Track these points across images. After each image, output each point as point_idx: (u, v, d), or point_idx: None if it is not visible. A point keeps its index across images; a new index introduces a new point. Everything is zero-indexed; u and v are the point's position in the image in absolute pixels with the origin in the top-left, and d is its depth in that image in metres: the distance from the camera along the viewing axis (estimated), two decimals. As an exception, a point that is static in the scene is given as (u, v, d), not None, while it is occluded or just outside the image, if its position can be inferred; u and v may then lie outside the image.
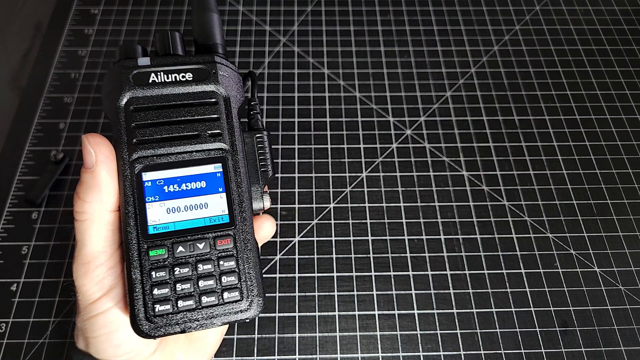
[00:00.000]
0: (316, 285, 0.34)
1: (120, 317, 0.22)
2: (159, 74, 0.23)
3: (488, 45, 0.46)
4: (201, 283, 0.21)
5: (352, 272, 0.35)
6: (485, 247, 0.36)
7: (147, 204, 0.22)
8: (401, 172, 0.39)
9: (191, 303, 0.21)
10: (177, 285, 0.21)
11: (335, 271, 0.35)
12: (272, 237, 0.36)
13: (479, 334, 0.33)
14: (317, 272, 0.35)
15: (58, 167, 0.37)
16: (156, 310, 0.21)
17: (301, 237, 0.36)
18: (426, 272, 0.35)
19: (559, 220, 0.37)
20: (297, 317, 0.33)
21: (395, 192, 0.38)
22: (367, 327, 0.33)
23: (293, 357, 0.32)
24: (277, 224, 0.36)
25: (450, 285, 0.34)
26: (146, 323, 0.20)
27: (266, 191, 0.25)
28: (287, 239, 0.36)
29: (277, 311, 0.33)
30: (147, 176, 0.22)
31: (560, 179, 0.39)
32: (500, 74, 0.44)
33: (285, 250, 0.35)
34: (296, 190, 0.38)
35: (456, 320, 0.33)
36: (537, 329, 0.33)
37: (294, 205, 0.37)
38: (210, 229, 0.22)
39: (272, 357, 0.32)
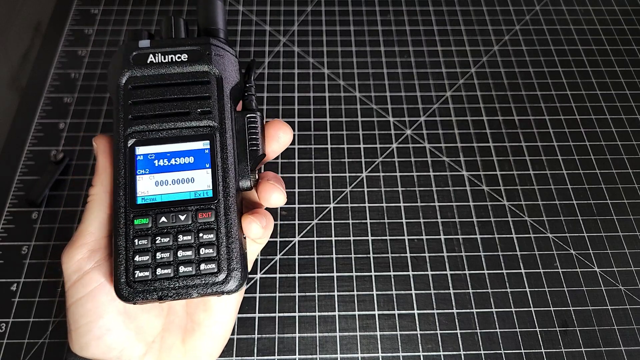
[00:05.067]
0: (316, 285, 0.34)
1: (98, 305, 0.22)
2: (156, 54, 0.24)
3: (488, 45, 0.46)
4: (180, 253, 0.22)
5: (352, 272, 0.35)
6: (485, 247, 0.36)
7: (137, 176, 0.23)
8: (401, 172, 0.39)
9: (169, 272, 0.22)
10: (157, 254, 0.22)
11: (335, 271, 0.35)
12: (272, 237, 0.36)
13: (479, 334, 0.33)
14: (317, 272, 0.35)
15: (58, 167, 0.37)
16: (136, 275, 0.21)
17: (301, 237, 0.36)
18: (426, 272, 0.35)
19: (559, 220, 0.37)
20: (297, 317, 0.33)
21: (395, 192, 0.38)
22: (367, 327, 0.33)
23: (293, 357, 0.32)
24: (277, 224, 0.36)
25: (450, 285, 0.34)
26: (126, 287, 0.21)
27: (258, 169, 0.25)
28: (287, 239, 0.36)
29: (277, 311, 0.33)
30: (140, 150, 0.23)
31: (560, 179, 0.39)
32: (500, 74, 0.44)
33: (285, 250, 0.35)
34: (296, 190, 0.38)
35: (456, 320, 0.33)
36: (537, 329, 0.33)
37: (294, 205, 0.37)
38: (194, 202, 0.23)
39: (272, 357, 0.32)
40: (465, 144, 0.40)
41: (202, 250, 0.22)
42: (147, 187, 0.23)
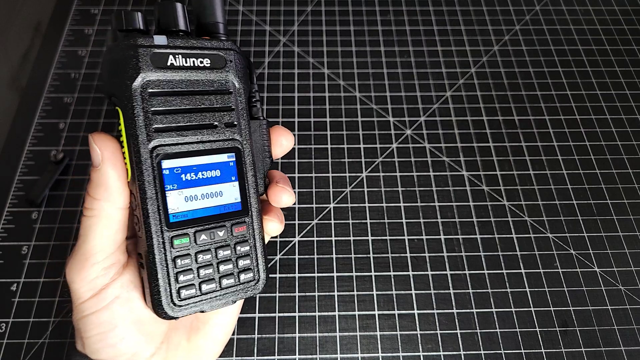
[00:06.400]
0: (316, 285, 0.34)
1: (113, 316, 0.22)
2: (177, 56, 0.22)
3: (488, 45, 0.46)
4: (221, 268, 0.23)
5: (352, 272, 0.35)
6: (485, 247, 0.36)
7: (167, 192, 0.22)
8: (401, 172, 0.39)
9: (213, 286, 0.23)
10: (200, 271, 0.22)
11: (335, 271, 0.35)
12: (272, 237, 0.36)
13: (479, 334, 0.33)
14: (317, 272, 0.35)
15: (58, 167, 0.37)
16: (181, 295, 0.22)
17: (301, 237, 0.36)
18: (426, 272, 0.35)
19: (559, 220, 0.37)
20: (297, 317, 0.33)
21: (395, 192, 0.38)
22: (367, 327, 0.33)
23: (293, 357, 0.32)
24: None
25: (450, 285, 0.34)
26: (170, 307, 0.21)
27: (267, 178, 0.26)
28: (287, 239, 0.36)
29: (277, 311, 0.33)
30: (166, 164, 0.22)
31: (560, 179, 0.39)
32: (500, 74, 0.44)
33: (285, 250, 0.35)
34: (296, 190, 0.38)
35: (456, 320, 0.33)
36: (537, 329, 0.33)
37: (294, 205, 0.37)
38: (226, 216, 0.23)
39: (272, 357, 0.32)
40: (465, 144, 0.40)
41: (240, 262, 0.23)
42: (178, 203, 0.22)
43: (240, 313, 0.33)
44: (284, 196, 0.25)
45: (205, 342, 0.26)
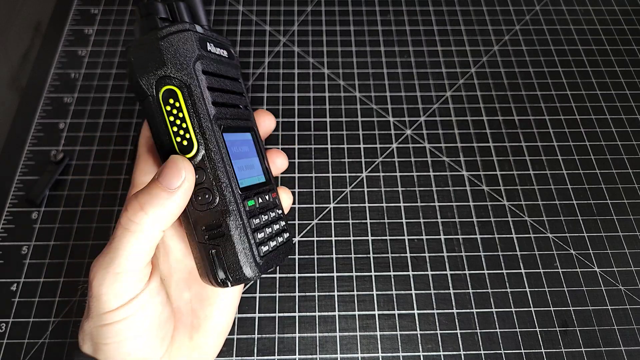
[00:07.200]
0: (316, 285, 0.34)
1: (136, 325, 0.22)
2: (211, 44, 0.24)
3: (488, 45, 0.46)
4: (274, 226, 0.25)
5: (352, 272, 0.35)
6: (485, 247, 0.36)
7: (232, 160, 0.23)
8: (401, 172, 0.39)
9: (276, 243, 0.25)
10: (266, 229, 0.24)
11: (335, 271, 0.35)
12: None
13: (479, 334, 0.33)
14: (317, 272, 0.35)
15: (58, 167, 0.37)
16: (261, 251, 0.23)
17: (301, 237, 0.36)
18: (426, 272, 0.35)
19: (559, 220, 0.37)
20: (297, 317, 0.33)
21: (395, 192, 0.38)
22: (367, 327, 0.33)
23: (293, 357, 0.32)
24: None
25: (450, 285, 0.34)
26: (252, 267, 0.23)
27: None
28: (287, 239, 0.36)
29: (277, 311, 0.33)
30: (226, 137, 0.23)
31: (560, 179, 0.39)
32: (500, 74, 0.44)
33: (285, 250, 0.35)
34: (296, 190, 0.38)
35: (456, 320, 0.33)
36: (537, 329, 0.33)
37: (294, 205, 0.37)
38: (261, 185, 0.25)
39: (272, 357, 0.32)
40: (465, 144, 0.40)
41: (281, 223, 0.26)
42: (238, 171, 0.24)
43: (241, 313, 0.33)
44: (277, 159, 0.28)
45: (207, 339, 0.26)
